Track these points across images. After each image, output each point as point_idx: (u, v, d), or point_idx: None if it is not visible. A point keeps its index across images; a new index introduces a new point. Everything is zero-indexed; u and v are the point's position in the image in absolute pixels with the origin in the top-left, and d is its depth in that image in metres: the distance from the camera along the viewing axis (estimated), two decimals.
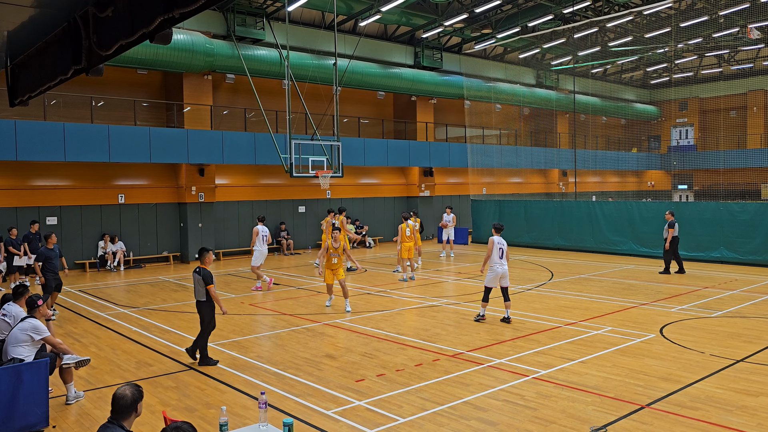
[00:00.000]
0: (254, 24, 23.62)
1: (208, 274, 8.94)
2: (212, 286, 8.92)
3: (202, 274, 8.97)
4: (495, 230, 11.79)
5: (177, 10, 4.27)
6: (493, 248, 11.49)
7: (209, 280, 8.92)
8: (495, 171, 31.20)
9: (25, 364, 6.86)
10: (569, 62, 35.10)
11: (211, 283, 8.92)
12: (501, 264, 11.49)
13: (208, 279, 8.93)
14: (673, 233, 17.05)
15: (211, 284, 8.90)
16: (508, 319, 11.53)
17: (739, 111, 41.73)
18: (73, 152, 19.15)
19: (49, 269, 12.38)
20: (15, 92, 8.43)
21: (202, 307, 9.12)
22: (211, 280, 8.92)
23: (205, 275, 8.95)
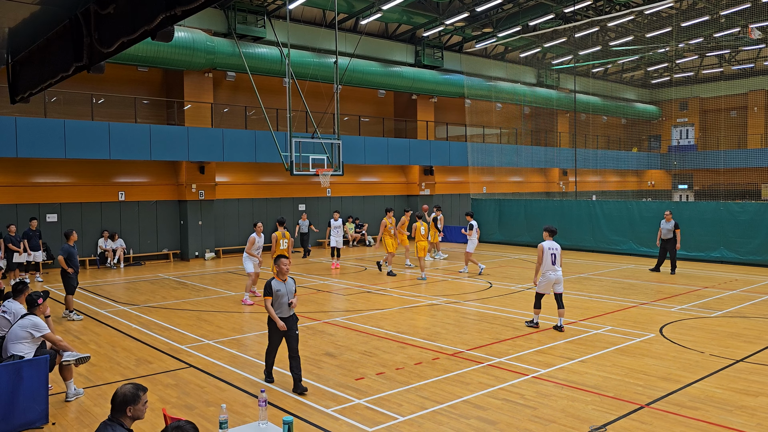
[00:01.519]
0: (255, 22, 23.61)
1: (266, 284, 7.84)
2: (267, 298, 7.77)
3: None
4: (549, 233, 10.87)
5: (179, 7, 4.26)
6: (545, 254, 10.69)
7: (264, 291, 7.86)
8: (495, 170, 31.20)
9: (25, 361, 6.86)
10: (570, 61, 35.08)
11: (266, 295, 7.78)
12: (554, 270, 10.73)
13: (264, 290, 7.89)
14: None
15: (265, 296, 7.79)
16: (560, 327, 10.70)
17: (740, 111, 41.72)
18: (74, 149, 19.15)
19: (71, 266, 12.34)
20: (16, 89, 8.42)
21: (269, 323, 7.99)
22: (265, 292, 7.80)
23: (266, 286, 7.84)
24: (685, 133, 44.80)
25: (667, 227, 17.21)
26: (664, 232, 17.22)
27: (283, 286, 7.77)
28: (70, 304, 12.49)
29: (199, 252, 23.14)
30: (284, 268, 7.83)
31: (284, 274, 7.84)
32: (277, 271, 7.86)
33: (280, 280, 7.81)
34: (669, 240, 17.18)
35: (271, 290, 7.70)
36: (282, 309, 7.74)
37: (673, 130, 45.32)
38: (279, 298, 7.72)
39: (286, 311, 7.76)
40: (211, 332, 11.15)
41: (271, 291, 7.70)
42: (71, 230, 12.73)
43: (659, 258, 17.63)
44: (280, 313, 7.72)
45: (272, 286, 7.71)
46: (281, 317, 7.72)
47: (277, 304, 7.71)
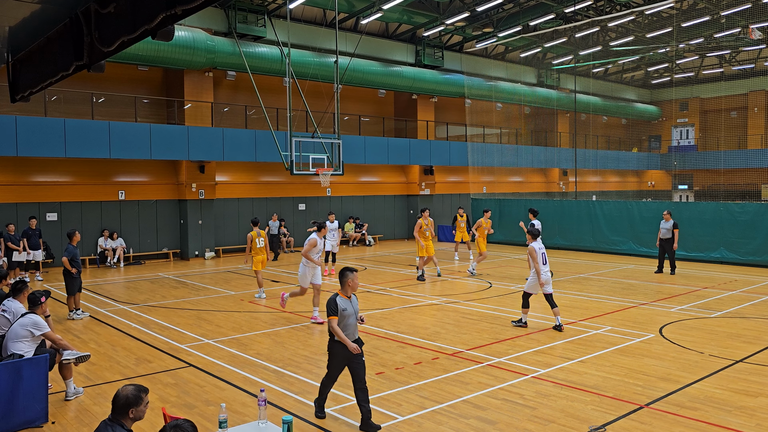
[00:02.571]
0: (255, 21, 23.61)
1: (330, 302, 6.69)
2: (332, 318, 6.63)
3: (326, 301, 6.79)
4: (534, 236, 11.00)
5: (179, 6, 4.26)
6: (538, 255, 10.83)
7: (329, 310, 6.66)
8: (495, 170, 31.20)
9: (25, 360, 6.87)
10: (570, 61, 35.08)
11: (331, 314, 6.64)
12: (545, 270, 10.88)
13: (328, 309, 6.68)
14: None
15: (331, 315, 6.65)
16: (560, 326, 10.70)
17: (740, 111, 41.72)
18: (74, 148, 19.15)
19: (75, 267, 12.32)
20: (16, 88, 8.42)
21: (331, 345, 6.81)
22: (330, 312, 6.66)
23: (328, 302, 6.74)
24: (686, 134, 44.79)
25: (665, 227, 17.18)
26: (663, 231, 17.19)
27: (350, 304, 6.70)
28: (71, 304, 12.49)
29: (199, 251, 23.14)
30: (352, 282, 6.75)
31: (353, 289, 6.79)
32: (343, 286, 6.78)
33: (345, 296, 6.73)
34: (668, 240, 17.17)
35: (337, 308, 6.59)
36: (348, 330, 6.66)
37: (674, 131, 45.32)
38: (345, 318, 6.64)
39: (352, 333, 6.70)
40: (211, 331, 11.16)
41: (337, 310, 6.59)
42: (74, 230, 12.68)
43: (660, 259, 17.60)
44: (347, 336, 6.65)
45: (338, 304, 6.60)
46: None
47: (343, 325, 6.63)
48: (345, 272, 6.81)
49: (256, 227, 14.80)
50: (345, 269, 6.87)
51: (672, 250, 17.21)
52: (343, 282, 6.77)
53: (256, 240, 14.55)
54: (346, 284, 6.76)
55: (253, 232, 14.66)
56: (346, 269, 6.85)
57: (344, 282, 6.77)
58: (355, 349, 6.57)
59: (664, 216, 17.31)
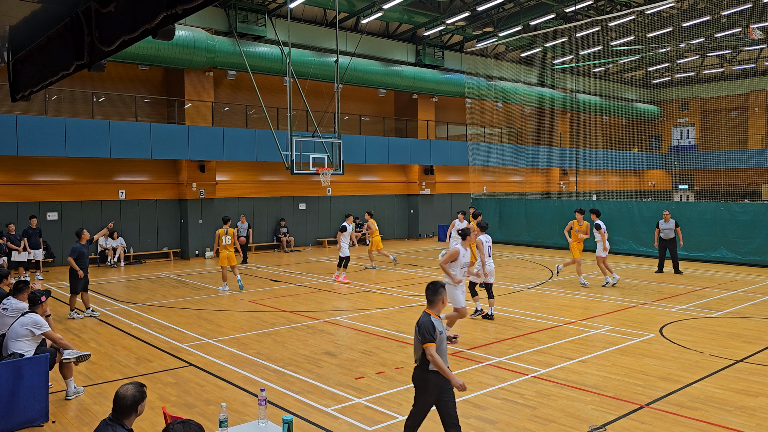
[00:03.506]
0: (256, 21, 23.61)
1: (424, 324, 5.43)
2: (431, 345, 5.33)
3: (418, 324, 5.50)
4: (482, 229, 11.79)
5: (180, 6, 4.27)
6: (484, 247, 11.45)
7: (426, 336, 5.37)
8: (496, 170, 31.20)
9: (25, 359, 6.87)
10: (571, 61, 35.08)
11: (431, 341, 5.34)
12: (489, 262, 11.54)
13: (425, 334, 5.38)
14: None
15: (430, 342, 5.34)
16: (491, 315, 11.62)
17: (741, 111, 41.70)
18: (74, 148, 19.15)
19: (81, 266, 12.31)
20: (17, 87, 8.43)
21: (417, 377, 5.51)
22: (428, 337, 5.35)
23: (421, 324, 5.46)
24: (686, 133, 44.79)
25: (668, 227, 17.10)
26: (666, 232, 17.10)
27: (442, 326, 5.59)
28: (73, 303, 12.50)
29: (199, 251, 23.14)
30: (445, 299, 5.69)
31: (443, 306, 5.70)
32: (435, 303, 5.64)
33: (437, 316, 5.58)
34: (671, 240, 17.10)
35: (435, 333, 5.38)
36: (443, 358, 5.44)
37: (674, 130, 45.31)
38: (441, 343, 5.44)
39: (445, 361, 5.46)
40: (211, 331, 11.16)
41: (435, 334, 5.37)
42: (82, 229, 12.70)
43: (660, 259, 17.55)
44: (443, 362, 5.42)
45: (436, 328, 5.42)
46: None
47: (440, 352, 5.42)
48: (438, 288, 5.62)
49: (226, 225, 15.34)
50: (437, 284, 5.65)
51: (675, 249, 17.16)
52: (436, 299, 5.60)
53: (223, 237, 15.13)
54: (439, 301, 5.61)
55: (221, 229, 15.21)
56: (438, 284, 5.65)
57: (437, 299, 5.60)
58: (460, 386, 5.27)
59: (664, 216, 17.28)
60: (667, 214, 17.30)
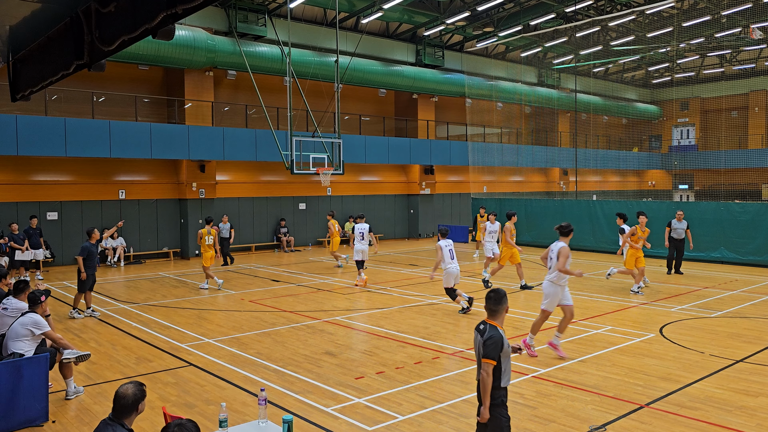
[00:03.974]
0: (256, 20, 23.61)
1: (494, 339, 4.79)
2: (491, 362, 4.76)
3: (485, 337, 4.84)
4: (442, 234, 12.66)
5: (180, 5, 4.27)
6: (444, 251, 12.19)
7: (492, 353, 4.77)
8: (496, 169, 31.21)
9: (25, 359, 6.87)
10: (571, 61, 35.08)
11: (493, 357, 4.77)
12: (454, 265, 12.25)
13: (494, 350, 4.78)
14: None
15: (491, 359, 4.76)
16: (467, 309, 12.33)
17: (741, 111, 41.71)
18: (74, 147, 19.15)
19: (90, 266, 12.33)
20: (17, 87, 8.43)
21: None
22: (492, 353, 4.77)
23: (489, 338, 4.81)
24: (686, 133, 44.79)
25: (680, 227, 16.85)
26: (679, 231, 16.85)
27: (507, 342, 4.96)
28: (77, 301, 12.50)
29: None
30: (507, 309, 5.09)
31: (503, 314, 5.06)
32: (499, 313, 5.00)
33: (502, 328, 4.94)
34: (681, 240, 16.86)
35: (503, 348, 4.80)
36: (507, 376, 4.90)
37: (674, 130, 45.31)
38: (506, 360, 4.87)
39: (508, 379, 4.93)
40: (211, 331, 11.16)
41: (501, 350, 4.79)
42: (93, 228, 12.72)
43: (669, 259, 17.31)
44: (505, 383, 4.87)
45: (504, 342, 4.82)
46: (503, 387, 4.86)
47: (503, 370, 4.86)
48: (503, 297, 5.01)
49: (208, 225, 15.65)
50: (501, 291, 5.05)
51: (683, 250, 16.97)
52: (499, 309, 4.97)
53: (205, 237, 15.43)
54: (502, 312, 5.00)
55: (203, 229, 15.52)
56: (503, 293, 5.04)
57: (500, 309, 4.98)
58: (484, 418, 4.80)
59: (677, 216, 16.97)
60: (681, 214, 17.01)
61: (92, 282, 12.49)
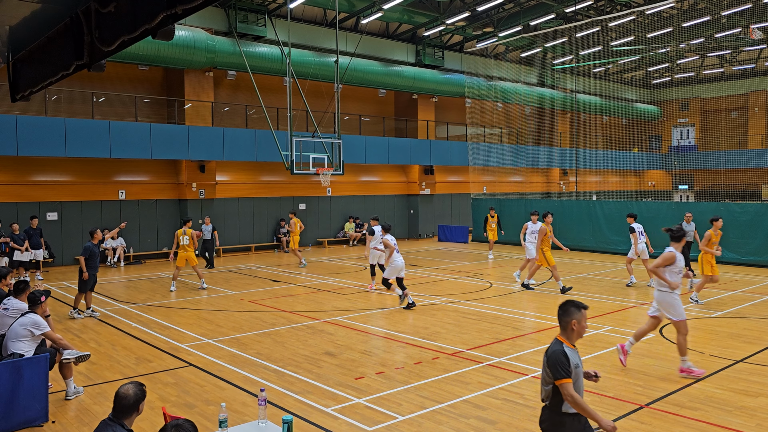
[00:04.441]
0: (256, 21, 23.62)
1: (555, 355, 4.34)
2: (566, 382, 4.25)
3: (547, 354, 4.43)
4: (385, 230, 13.53)
5: (180, 6, 4.27)
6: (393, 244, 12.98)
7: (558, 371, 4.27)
8: (496, 170, 31.21)
9: (25, 360, 6.87)
10: (571, 61, 35.08)
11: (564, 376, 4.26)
12: (400, 258, 13.04)
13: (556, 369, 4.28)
14: None
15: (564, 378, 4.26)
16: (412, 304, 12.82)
17: (741, 111, 41.72)
18: (74, 148, 19.16)
19: (92, 266, 12.32)
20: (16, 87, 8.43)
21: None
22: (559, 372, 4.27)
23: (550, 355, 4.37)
24: (686, 134, 44.79)
25: (690, 229, 16.24)
26: (689, 234, 16.20)
27: (578, 357, 4.46)
28: (77, 301, 12.50)
29: (198, 251, 23.10)
30: (578, 325, 4.45)
31: (579, 335, 4.48)
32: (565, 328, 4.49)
33: (571, 345, 4.45)
34: (692, 242, 16.32)
35: (570, 367, 4.29)
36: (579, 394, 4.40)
37: (674, 131, 45.32)
38: (578, 379, 4.37)
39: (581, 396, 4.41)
40: (211, 331, 11.16)
41: (570, 367, 4.29)
42: (96, 228, 12.71)
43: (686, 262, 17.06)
44: (568, 407, 4.33)
45: (570, 360, 4.32)
46: (564, 412, 4.34)
47: (575, 389, 4.33)
48: (570, 308, 4.49)
49: (185, 225, 15.61)
50: (570, 304, 4.53)
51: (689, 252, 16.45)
52: (566, 322, 4.46)
53: (181, 237, 15.44)
54: (569, 326, 4.45)
55: (179, 230, 15.53)
56: (571, 304, 4.53)
57: (568, 322, 4.46)
58: (612, 429, 4.25)
59: (686, 218, 16.37)
60: (689, 216, 16.48)
61: (93, 282, 12.50)
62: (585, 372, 4.50)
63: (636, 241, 15.25)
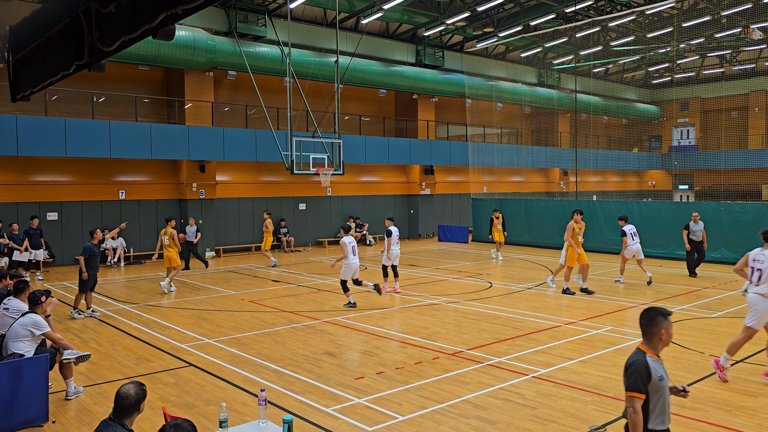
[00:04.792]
0: (256, 21, 23.62)
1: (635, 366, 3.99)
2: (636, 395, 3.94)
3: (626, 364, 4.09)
4: (344, 231, 13.45)
5: (180, 6, 4.27)
6: (348, 248, 12.94)
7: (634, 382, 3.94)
8: (496, 170, 31.21)
9: (25, 360, 6.87)
10: (571, 61, 35.09)
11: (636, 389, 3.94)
12: (355, 260, 13.05)
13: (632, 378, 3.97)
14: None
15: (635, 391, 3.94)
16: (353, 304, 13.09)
17: (741, 111, 41.73)
18: (74, 148, 19.16)
19: (92, 266, 12.32)
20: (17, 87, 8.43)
21: None
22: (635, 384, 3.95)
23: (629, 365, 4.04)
24: (686, 134, 44.80)
25: (697, 228, 16.43)
26: (697, 233, 16.40)
27: (663, 369, 4.08)
28: (77, 301, 12.50)
29: (199, 251, 23.11)
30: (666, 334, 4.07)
31: (665, 344, 4.13)
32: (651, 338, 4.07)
33: (655, 356, 4.06)
34: (699, 242, 16.46)
35: (650, 380, 3.92)
36: (665, 414, 4.08)
37: (674, 131, 45.32)
38: (660, 393, 3.99)
39: (668, 416, 4.10)
40: (212, 331, 11.16)
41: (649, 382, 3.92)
42: (95, 228, 12.72)
43: (689, 261, 16.92)
44: (657, 424, 4.02)
45: (652, 372, 3.94)
46: (651, 430, 4.00)
47: (659, 405, 4.00)
48: (656, 316, 4.06)
49: (168, 225, 15.47)
50: (657, 312, 4.09)
51: (703, 252, 16.62)
52: (652, 332, 4.04)
53: (162, 238, 15.40)
54: (656, 336, 4.04)
55: (163, 230, 15.45)
56: (657, 312, 4.09)
57: (654, 333, 4.04)
58: None
59: (693, 218, 16.51)
60: (696, 216, 16.55)
61: (93, 282, 12.50)
62: (672, 386, 4.16)
63: (626, 244, 15.47)
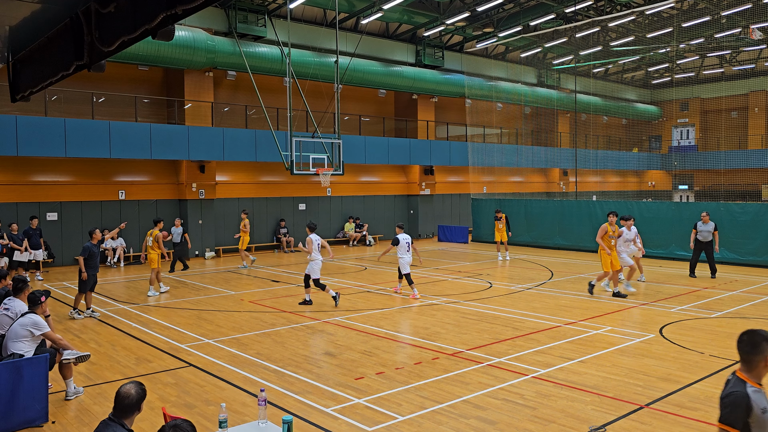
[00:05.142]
0: (256, 21, 23.62)
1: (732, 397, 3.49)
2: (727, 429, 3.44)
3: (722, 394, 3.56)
4: (310, 229, 13.43)
5: (180, 6, 4.26)
6: (314, 244, 13.08)
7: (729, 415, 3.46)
8: (496, 170, 31.21)
9: (25, 360, 6.87)
10: (571, 62, 35.08)
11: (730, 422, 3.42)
12: (319, 258, 13.19)
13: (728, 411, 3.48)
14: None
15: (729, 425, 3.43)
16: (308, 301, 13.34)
17: (741, 112, 41.74)
18: (74, 148, 19.15)
19: (92, 266, 12.32)
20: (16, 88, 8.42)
21: None
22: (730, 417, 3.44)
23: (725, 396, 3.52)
24: (686, 134, 44.80)
25: (707, 229, 16.22)
26: (705, 234, 16.22)
27: (764, 400, 3.48)
28: (77, 301, 12.49)
29: (199, 251, 23.13)
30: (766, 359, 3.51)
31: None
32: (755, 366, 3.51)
33: (757, 384, 3.51)
34: (708, 243, 16.24)
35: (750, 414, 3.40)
36: None
37: (674, 131, 45.32)
38: (765, 427, 3.42)
39: None
40: (211, 331, 11.16)
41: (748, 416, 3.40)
42: (95, 228, 12.72)
43: (693, 262, 16.78)
44: None
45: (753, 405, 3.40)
46: None
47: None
48: (761, 342, 3.50)
49: (155, 227, 15.24)
50: (761, 337, 3.52)
51: (712, 253, 16.36)
52: (756, 360, 3.51)
53: (147, 238, 15.16)
54: (760, 364, 3.50)
55: (149, 231, 15.27)
56: (762, 338, 3.51)
57: (757, 360, 3.50)
58: None
59: (703, 218, 16.35)
60: (706, 216, 16.34)
61: (93, 282, 12.50)
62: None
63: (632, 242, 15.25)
